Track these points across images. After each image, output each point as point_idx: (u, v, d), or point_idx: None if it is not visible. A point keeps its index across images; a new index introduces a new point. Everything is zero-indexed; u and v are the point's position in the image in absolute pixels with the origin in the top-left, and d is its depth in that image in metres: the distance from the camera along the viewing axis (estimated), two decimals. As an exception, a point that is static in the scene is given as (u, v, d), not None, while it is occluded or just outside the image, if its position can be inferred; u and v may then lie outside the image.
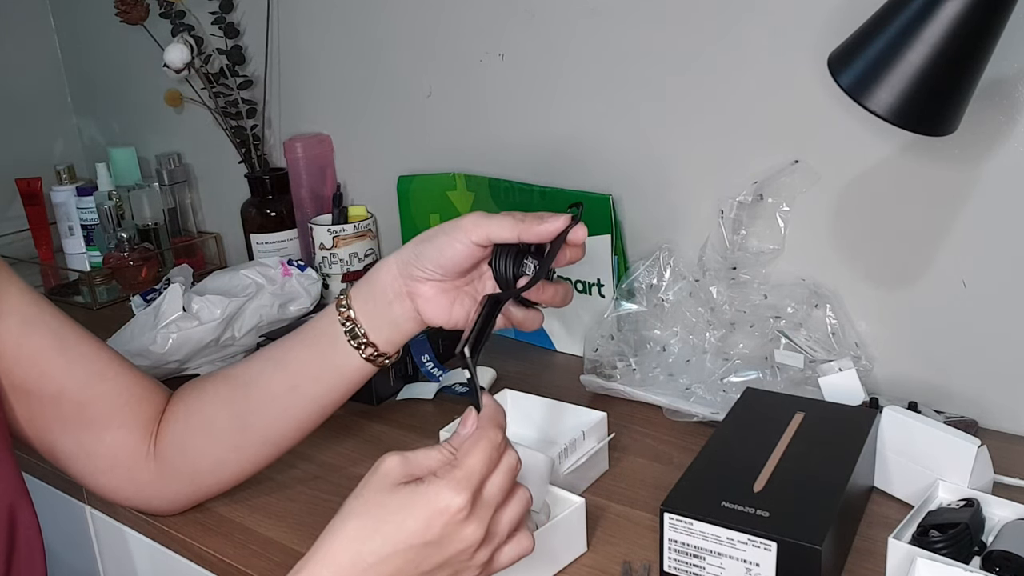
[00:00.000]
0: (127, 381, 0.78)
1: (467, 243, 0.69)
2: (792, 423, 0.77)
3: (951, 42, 0.65)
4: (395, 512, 0.56)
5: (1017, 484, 0.77)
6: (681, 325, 0.99)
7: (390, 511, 0.56)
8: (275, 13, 1.37)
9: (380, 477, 0.58)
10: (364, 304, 0.74)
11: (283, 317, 1.15)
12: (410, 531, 0.56)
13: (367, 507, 0.57)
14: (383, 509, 0.56)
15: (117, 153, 1.60)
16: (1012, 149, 0.82)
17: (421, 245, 0.72)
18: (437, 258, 0.70)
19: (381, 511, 0.56)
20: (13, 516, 0.70)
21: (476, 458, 0.57)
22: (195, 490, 0.82)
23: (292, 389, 0.76)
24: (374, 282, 0.74)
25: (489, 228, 0.69)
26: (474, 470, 0.57)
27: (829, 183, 0.93)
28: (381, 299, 0.73)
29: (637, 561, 0.73)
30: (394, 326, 0.74)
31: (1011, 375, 0.87)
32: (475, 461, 0.57)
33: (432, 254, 0.71)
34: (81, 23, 1.71)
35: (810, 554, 0.62)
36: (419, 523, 0.56)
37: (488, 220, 0.69)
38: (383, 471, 0.58)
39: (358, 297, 0.74)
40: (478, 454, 0.58)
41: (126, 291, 1.43)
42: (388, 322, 0.73)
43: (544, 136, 1.14)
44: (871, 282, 0.94)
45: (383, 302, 0.73)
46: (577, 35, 1.07)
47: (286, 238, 1.39)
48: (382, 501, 0.57)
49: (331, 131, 1.38)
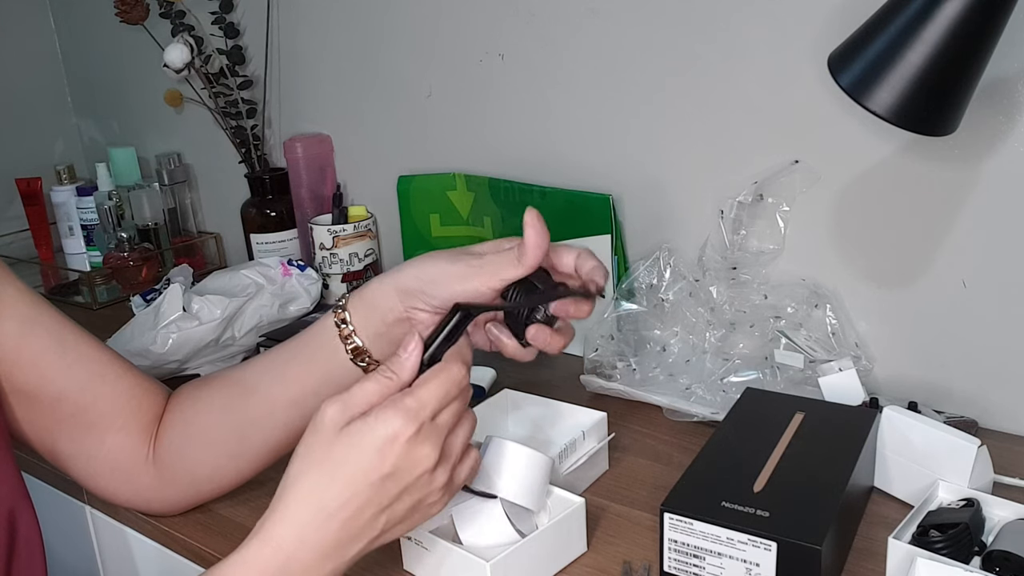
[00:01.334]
0: (127, 383, 0.78)
1: (486, 291, 0.67)
2: (792, 423, 0.77)
3: (951, 42, 0.65)
4: (346, 454, 0.56)
5: (1017, 484, 0.77)
6: (681, 325, 0.99)
7: (340, 455, 0.56)
8: (275, 13, 1.37)
9: (322, 428, 0.57)
10: (365, 322, 0.72)
11: (283, 317, 1.15)
12: (365, 468, 0.55)
13: (317, 460, 0.57)
14: (332, 456, 0.56)
15: (117, 153, 1.60)
16: (1012, 149, 0.82)
17: (430, 284, 0.69)
18: (450, 297, 0.68)
19: (331, 459, 0.56)
20: (13, 518, 0.70)
21: (431, 391, 0.57)
22: (194, 494, 0.82)
23: (292, 405, 0.75)
24: (373, 305, 0.72)
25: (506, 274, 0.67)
26: (426, 401, 0.57)
27: (829, 183, 0.93)
28: (381, 322, 0.71)
29: (637, 561, 0.73)
30: (397, 345, 0.72)
31: (1011, 375, 0.87)
32: (429, 393, 0.57)
33: (443, 294, 0.68)
34: (81, 23, 1.71)
35: (810, 554, 0.62)
36: (372, 457, 0.55)
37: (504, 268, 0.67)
38: (324, 421, 0.57)
39: (357, 314, 0.72)
40: (435, 387, 0.57)
41: (126, 291, 1.43)
42: (389, 342, 0.72)
43: (544, 136, 1.14)
44: (871, 282, 0.94)
45: (383, 324, 0.71)
46: (577, 35, 1.07)
47: (286, 238, 1.39)
48: (330, 449, 0.56)
49: (331, 131, 1.38)
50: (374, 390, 0.58)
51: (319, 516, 0.56)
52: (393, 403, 0.57)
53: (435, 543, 0.69)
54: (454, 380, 0.58)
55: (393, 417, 0.56)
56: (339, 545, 0.57)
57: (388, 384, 0.58)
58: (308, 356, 0.75)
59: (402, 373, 0.59)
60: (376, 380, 0.58)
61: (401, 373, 0.59)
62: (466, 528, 0.69)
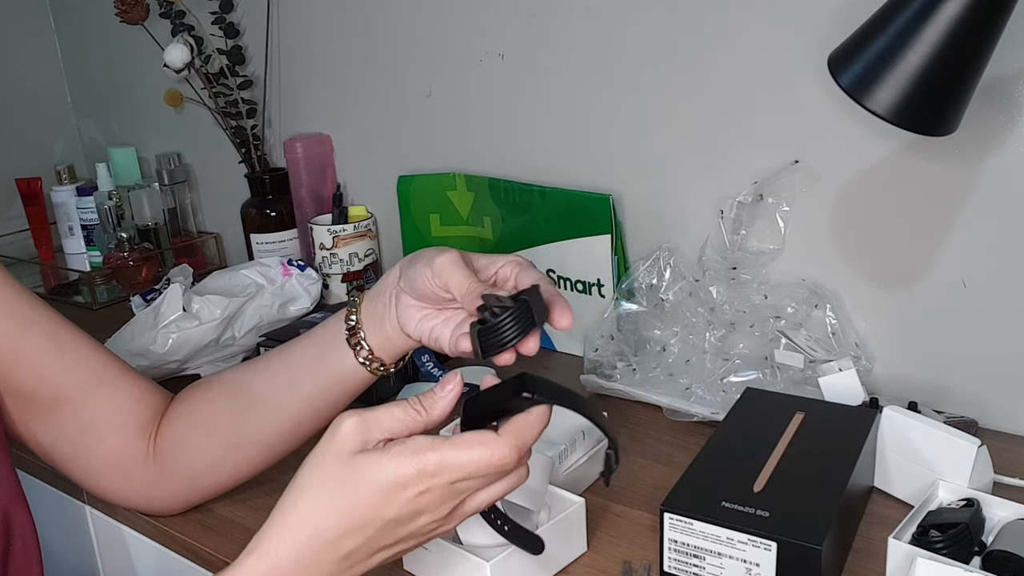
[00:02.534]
0: (124, 383, 0.78)
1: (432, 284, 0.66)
2: (792, 423, 0.77)
3: (951, 42, 0.65)
4: (353, 483, 0.53)
5: (1017, 484, 0.77)
6: (681, 325, 0.99)
7: (348, 482, 0.53)
8: (275, 13, 1.37)
9: (336, 444, 0.54)
10: (367, 305, 0.73)
11: (283, 317, 1.15)
12: (367, 505, 0.53)
13: (323, 479, 0.54)
14: (340, 479, 0.53)
15: (117, 153, 1.60)
16: (1012, 149, 0.82)
17: (412, 262, 0.69)
18: (413, 283, 0.68)
19: (338, 482, 0.54)
20: (8, 520, 0.70)
21: (459, 459, 0.53)
22: (193, 491, 0.82)
23: (289, 384, 0.76)
24: (380, 285, 0.73)
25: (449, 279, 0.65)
26: (448, 467, 0.52)
27: (829, 183, 0.93)
28: (380, 302, 0.72)
29: (637, 561, 0.73)
30: (389, 341, 0.72)
31: (1011, 375, 0.87)
32: (456, 461, 0.53)
33: (409, 278, 0.68)
34: (81, 23, 1.70)
35: (810, 554, 0.62)
36: (376, 497, 0.53)
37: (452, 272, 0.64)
38: (339, 438, 0.54)
39: (367, 299, 0.73)
40: (466, 458, 0.52)
41: (126, 291, 1.43)
42: (384, 336, 0.72)
43: (544, 136, 1.14)
44: (871, 282, 0.94)
45: (381, 305, 0.72)
46: (577, 35, 1.07)
47: (286, 238, 1.39)
48: (339, 470, 0.54)
49: (331, 131, 1.38)
50: (399, 418, 0.55)
51: (315, 542, 0.54)
52: (415, 450, 0.53)
53: (435, 543, 0.69)
54: (493, 464, 0.53)
55: (408, 465, 0.52)
56: (336, 572, 0.56)
57: (414, 418, 0.55)
58: (313, 340, 0.75)
59: (432, 411, 0.56)
60: (404, 408, 0.55)
61: (431, 411, 0.56)
62: (466, 528, 0.69)
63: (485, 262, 0.69)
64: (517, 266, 0.68)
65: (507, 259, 0.68)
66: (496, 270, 0.68)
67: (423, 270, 0.67)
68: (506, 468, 0.54)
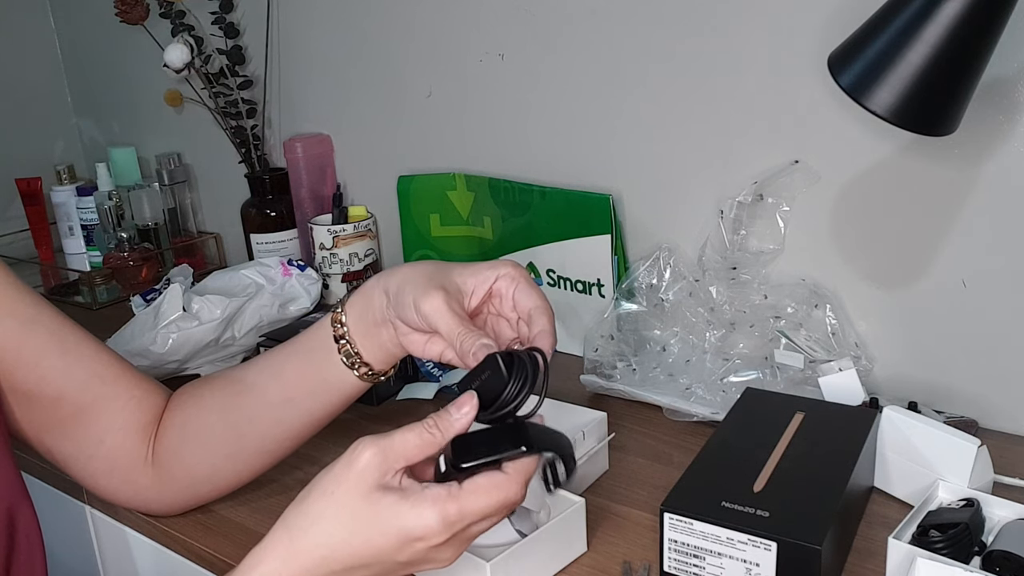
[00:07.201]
0: (127, 384, 0.78)
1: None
2: (792, 423, 0.77)
3: (951, 42, 0.65)
4: (368, 522, 0.54)
5: (1017, 484, 0.77)
6: (681, 325, 0.99)
7: (363, 520, 0.54)
8: (275, 13, 1.37)
9: (355, 476, 0.55)
10: (357, 323, 0.72)
11: (283, 317, 1.15)
12: (380, 547, 0.54)
13: (338, 512, 0.55)
14: (355, 520, 0.54)
15: (117, 153, 1.60)
16: (1012, 149, 0.82)
17: (398, 295, 0.67)
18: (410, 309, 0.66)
19: (353, 522, 0.54)
20: (13, 518, 0.70)
21: (478, 505, 0.54)
22: (193, 495, 0.82)
23: (287, 401, 0.75)
24: (366, 305, 0.71)
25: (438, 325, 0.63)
26: (468, 516, 0.54)
27: (829, 183, 0.93)
28: (371, 322, 0.71)
29: (637, 561, 0.73)
30: (384, 349, 0.72)
31: (1011, 375, 0.87)
32: (476, 508, 0.54)
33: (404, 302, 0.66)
34: (81, 23, 1.71)
35: (810, 554, 0.62)
36: (391, 542, 0.54)
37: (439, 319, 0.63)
38: (358, 471, 0.55)
39: (352, 313, 0.72)
40: (484, 504, 0.54)
41: (126, 291, 1.43)
42: (378, 345, 0.71)
43: (544, 136, 1.14)
44: (871, 282, 0.94)
45: (373, 324, 0.71)
46: (577, 35, 1.07)
47: (286, 238, 1.39)
48: (355, 509, 0.54)
49: (331, 131, 1.38)
50: (414, 443, 0.55)
51: (321, 569, 0.55)
52: (435, 501, 0.54)
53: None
54: (507, 504, 0.55)
55: (430, 518, 0.53)
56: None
57: (430, 441, 0.55)
58: (304, 356, 0.75)
59: (447, 433, 0.56)
60: (418, 433, 0.55)
61: (447, 433, 0.56)
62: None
63: (476, 285, 0.67)
64: (512, 281, 0.67)
65: (500, 271, 0.67)
66: (489, 287, 0.67)
67: (410, 312, 0.65)
68: (516, 504, 0.56)
